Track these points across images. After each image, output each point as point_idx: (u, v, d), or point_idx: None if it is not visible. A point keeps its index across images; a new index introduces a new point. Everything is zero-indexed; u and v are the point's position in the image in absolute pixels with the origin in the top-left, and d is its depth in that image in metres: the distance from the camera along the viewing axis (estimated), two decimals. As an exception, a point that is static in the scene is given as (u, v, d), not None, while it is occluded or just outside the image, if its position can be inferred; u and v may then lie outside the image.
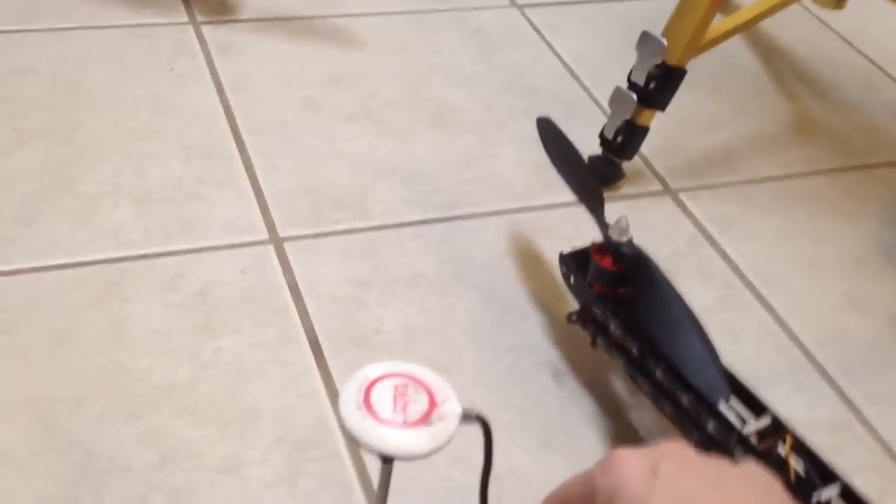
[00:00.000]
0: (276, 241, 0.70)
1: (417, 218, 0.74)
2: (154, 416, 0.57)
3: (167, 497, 0.53)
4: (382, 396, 0.41)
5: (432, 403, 0.41)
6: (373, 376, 0.41)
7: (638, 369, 0.58)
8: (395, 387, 0.41)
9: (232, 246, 0.69)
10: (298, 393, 0.60)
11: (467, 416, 0.41)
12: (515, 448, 0.59)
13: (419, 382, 0.42)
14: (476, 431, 0.41)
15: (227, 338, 0.63)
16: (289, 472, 0.55)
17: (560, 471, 0.58)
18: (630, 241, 0.59)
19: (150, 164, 0.75)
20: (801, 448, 0.51)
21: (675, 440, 0.43)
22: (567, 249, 0.64)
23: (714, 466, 0.41)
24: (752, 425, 0.53)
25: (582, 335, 0.63)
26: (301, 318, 0.65)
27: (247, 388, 0.60)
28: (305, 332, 0.64)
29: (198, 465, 0.55)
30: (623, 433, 0.61)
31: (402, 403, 0.40)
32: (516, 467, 0.58)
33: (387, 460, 0.41)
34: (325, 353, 0.63)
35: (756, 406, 0.54)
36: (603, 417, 0.61)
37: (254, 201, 0.73)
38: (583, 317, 0.62)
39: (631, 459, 0.41)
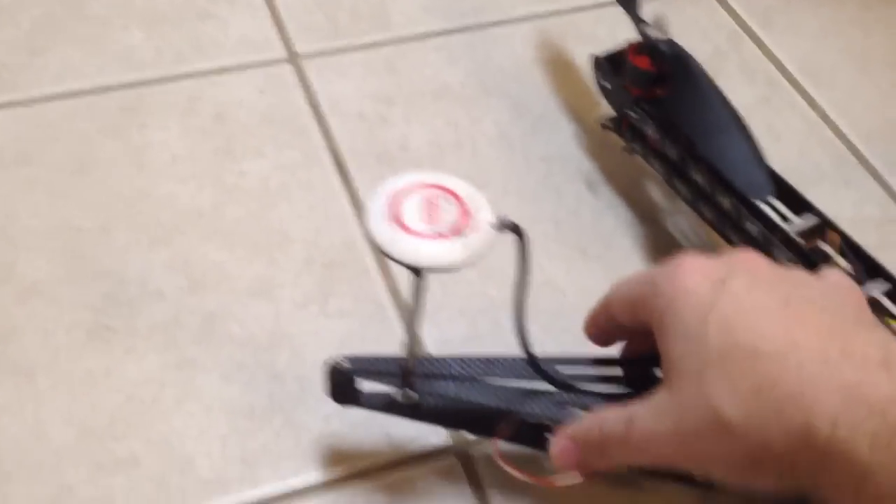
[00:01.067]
0: (294, 59, 0.67)
1: (440, 27, 0.70)
2: (181, 242, 0.56)
3: (200, 320, 0.53)
4: (412, 207, 0.39)
5: (464, 213, 0.39)
6: (401, 187, 0.40)
7: (676, 174, 0.56)
8: (425, 197, 0.39)
9: (248, 66, 0.66)
10: (326, 214, 0.58)
11: (501, 226, 0.39)
12: (550, 260, 0.57)
13: (450, 192, 0.40)
14: (509, 244, 0.40)
15: (250, 161, 0.61)
16: (320, 292, 0.55)
17: (596, 280, 0.56)
18: (670, 39, 0.56)
19: (156, -18, 0.71)
20: (847, 245, 0.49)
21: (748, 251, 0.41)
22: (601, 52, 0.61)
23: (788, 281, 0.39)
24: (797, 224, 0.51)
25: (617, 142, 0.61)
26: (324, 137, 0.63)
27: (273, 211, 0.58)
28: (330, 151, 0.62)
29: (229, 289, 0.54)
30: (660, 240, 0.59)
31: (433, 214, 0.39)
32: (552, 279, 0.57)
33: (418, 273, 0.39)
34: (351, 173, 0.61)
35: (800, 205, 0.52)
36: (639, 225, 0.60)
37: (268, 17, 0.69)
38: (618, 122, 0.59)
39: (699, 267, 0.39)
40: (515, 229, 0.39)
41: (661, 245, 0.59)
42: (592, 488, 0.48)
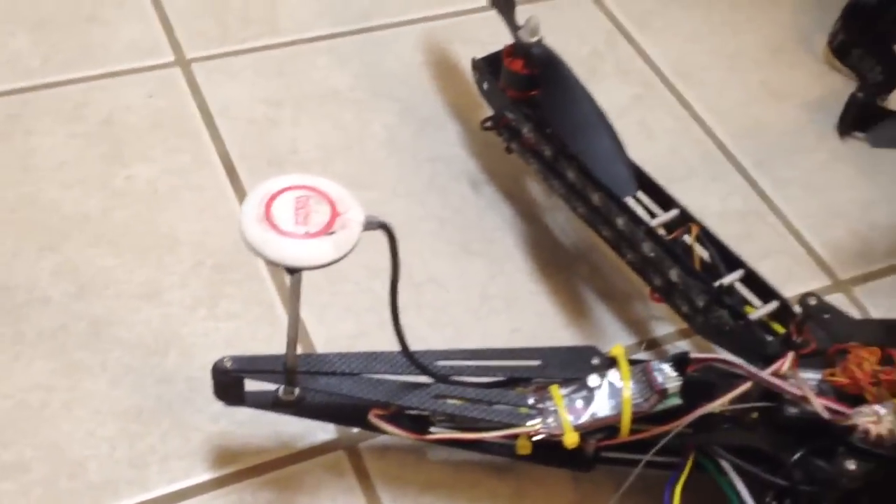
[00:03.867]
0: (183, 63, 0.67)
1: (329, 31, 0.71)
2: (68, 248, 0.56)
3: (88, 326, 0.53)
4: (283, 209, 0.40)
5: (334, 213, 0.40)
6: (274, 190, 0.41)
7: (551, 172, 0.58)
8: (297, 199, 0.41)
9: (137, 70, 0.67)
10: (215, 216, 0.59)
11: (370, 224, 0.41)
12: (434, 257, 0.59)
13: (321, 193, 0.41)
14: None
15: (139, 165, 0.61)
16: (209, 294, 0.56)
17: (479, 276, 0.59)
18: (540, 42, 0.58)
19: (42, -13, 0.71)
20: (707, 237, 0.52)
21: None
22: (480, 55, 0.63)
23: None
24: (660, 218, 0.53)
25: (499, 143, 0.63)
26: (214, 141, 0.63)
27: (162, 215, 0.59)
28: (219, 155, 0.63)
29: (117, 294, 0.55)
30: (539, 235, 0.61)
31: (304, 214, 0.40)
32: (436, 275, 0.58)
33: (292, 271, 0.41)
34: (241, 176, 0.62)
35: (665, 200, 0.55)
36: (520, 222, 0.62)
37: (157, 21, 0.70)
38: (497, 122, 0.61)
39: None
40: (384, 227, 0.40)
41: (540, 239, 0.61)
42: (475, 475, 0.50)
